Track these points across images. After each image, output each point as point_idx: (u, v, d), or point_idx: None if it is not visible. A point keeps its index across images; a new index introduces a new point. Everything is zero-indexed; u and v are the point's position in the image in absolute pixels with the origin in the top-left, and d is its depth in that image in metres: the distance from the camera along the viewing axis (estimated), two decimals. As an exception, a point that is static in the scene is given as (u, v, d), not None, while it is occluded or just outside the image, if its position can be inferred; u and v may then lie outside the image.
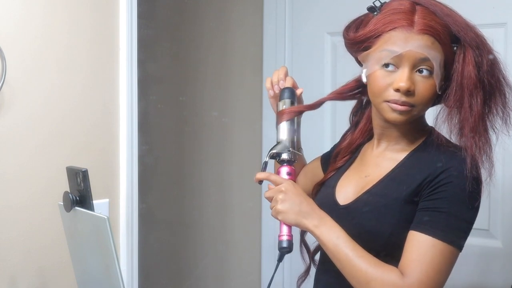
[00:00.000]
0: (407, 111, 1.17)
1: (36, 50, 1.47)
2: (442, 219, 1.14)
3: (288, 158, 1.28)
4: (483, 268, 1.98)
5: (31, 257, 1.48)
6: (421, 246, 1.13)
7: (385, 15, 1.19)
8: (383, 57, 1.17)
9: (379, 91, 1.19)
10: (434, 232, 1.13)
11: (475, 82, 1.15)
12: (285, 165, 1.28)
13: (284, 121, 1.31)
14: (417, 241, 1.14)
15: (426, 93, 1.17)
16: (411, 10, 1.17)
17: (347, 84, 1.35)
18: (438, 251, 1.13)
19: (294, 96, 1.37)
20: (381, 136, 1.29)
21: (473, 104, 1.15)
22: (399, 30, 1.16)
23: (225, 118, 2.58)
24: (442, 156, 1.18)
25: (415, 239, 1.14)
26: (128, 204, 1.69)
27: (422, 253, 1.13)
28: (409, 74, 1.15)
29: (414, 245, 1.14)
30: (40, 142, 1.48)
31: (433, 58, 1.15)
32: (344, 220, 1.24)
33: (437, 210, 1.14)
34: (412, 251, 1.14)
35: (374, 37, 1.20)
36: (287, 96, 1.36)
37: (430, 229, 1.13)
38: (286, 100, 1.35)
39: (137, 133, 1.71)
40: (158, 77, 2.55)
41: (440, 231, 1.13)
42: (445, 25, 1.16)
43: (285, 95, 1.36)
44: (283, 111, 1.33)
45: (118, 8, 1.65)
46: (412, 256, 1.13)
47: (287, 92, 1.37)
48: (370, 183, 1.25)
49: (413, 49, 1.15)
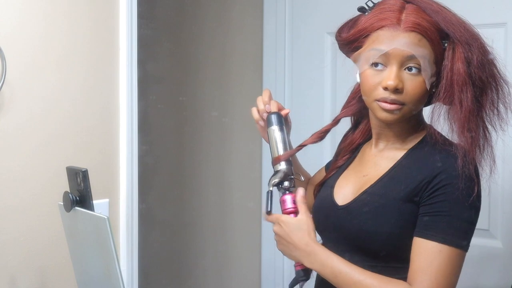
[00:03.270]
0: (397, 109, 1.17)
1: (36, 50, 1.47)
2: (444, 222, 1.14)
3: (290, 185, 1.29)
4: (483, 268, 1.98)
5: (31, 257, 1.48)
6: (428, 253, 1.13)
7: (374, 15, 1.20)
8: (371, 56, 1.18)
9: (369, 90, 1.19)
10: (438, 237, 1.13)
11: (464, 77, 1.15)
12: (288, 193, 1.28)
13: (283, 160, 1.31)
14: (423, 248, 1.14)
15: (415, 91, 1.16)
16: (400, 8, 1.17)
17: (353, 92, 1.36)
18: (445, 256, 1.12)
19: (281, 121, 1.35)
20: (378, 136, 1.29)
21: (463, 100, 1.15)
22: (386, 28, 1.17)
23: (225, 118, 2.58)
24: (439, 156, 1.18)
25: (420, 246, 1.14)
26: (128, 204, 1.69)
27: (429, 260, 1.12)
28: (397, 72, 1.15)
29: (420, 252, 1.14)
30: (40, 142, 1.48)
31: (420, 56, 1.14)
32: (343, 221, 1.24)
33: (439, 214, 1.14)
34: (419, 259, 1.14)
35: (363, 37, 1.21)
36: (275, 122, 1.34)
37: (434, 235, 1.13)
38: (275, 127, 1.33)
39: (137, 133, 1.71)
40: (158, 77, 2.55)
41: (444, 236, 1.13)
42: (434, 22, 1.16)
43: (273, 121, 1.34)
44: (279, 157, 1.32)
45: (118, 8, 1.65)
46: (420, 264, 1.13)
47: (274, 117, 1.34)
48: (368, 182, 1.25)
49: (398, 47, 1.15)
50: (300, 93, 2.38)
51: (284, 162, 1.31)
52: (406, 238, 1.17)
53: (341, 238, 1.24)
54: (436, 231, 1.13)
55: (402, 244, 1.17)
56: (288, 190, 1.29)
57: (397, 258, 1.19)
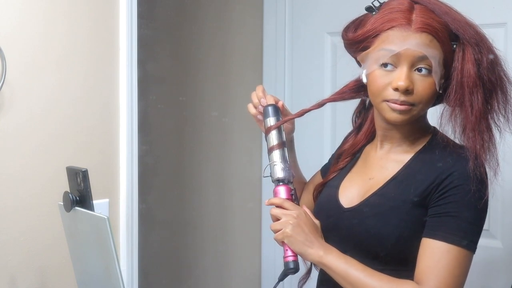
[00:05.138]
0: (406, 110, 1.16)
1: (36, 50, 1.47)
2: (453, 223, 1.13)
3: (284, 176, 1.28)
4: (483, 268, 1.98)
5: (31, 257, 1.48)
6: (435, 253, 1.13)
7: (383, 14, 1.19)
8: (381, 56, 1.17)
9: (378, 90, 1.18)
10: (446, 237, 1.12)
11: (474, 79, 1.14)
12: (281, 185, 1.27)
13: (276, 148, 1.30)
14: (431, 248, 1.13)
15: (426, 92, 1.16)
16: (409, 8, 1.17)
17: (346, 85, 1.34)
18: (452, 256, 1.12)
19: (278, 112, 1.35)
20: (383, 138, 1.28)
21: (473, 102, 1.14)
22: (397, 29, 1.15)
23: (225, 118, 2.58)
24: (448, 159, 1.17)
25: (428, 246, 1.14)
26: (128, 204, 1.69)
27: (436, 260, 1.12)
28: (407, 73, 1.14)
29: (428, 252, 1.14)
30: (40, 142, 1.48)
31: (431, 56, 1.14)
32: (348, 224, 1.23)
33: (448, 215, 1.14)
34: (426, 258, 1.13)
35: (372, 37, 1.19)
36: (271, 114, 1.34)
37: (443, 235, 1.13)
38: (271, 118, 1.33)
39: (137, 133, 1.71)
40: (158, 77, 2.55)
41: (452, 236, 1.12)
42: (443, 23, 1.16)
43: (269, 113, 1.34)
44: (271, 127, 1.32)
45: (118, 8, 1.65)
46: (427, 263, 1.13)
47: (270, 109, 1.35)
48: (375, 185, 1.24)
49: (410, 47, 1.14)
50: (300, 93, 2.38)
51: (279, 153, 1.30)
52: (412, 242, 1.16)
53: (344, 239, 1.24)
54: (445, 232, 1.13)
55: (407, 247, 1.17)
56: (282, 182, 1.28)
57: (399, 260, 1.19)
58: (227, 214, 2.63)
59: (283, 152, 1.31)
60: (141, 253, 1.77)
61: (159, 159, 2.60)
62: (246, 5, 2.53)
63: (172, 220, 2.69)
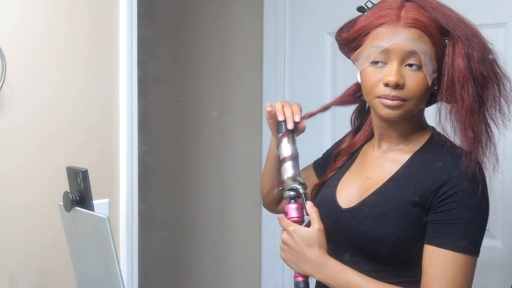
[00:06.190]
0: (399, 105, 1.16)
1: (36, 50, 1.46)
2: (458, 231, 1.13)
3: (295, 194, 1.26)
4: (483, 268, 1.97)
5: (31, 257, 1.48)
6: (442, 262, 1.12)
7: (373, 13, 1.20)
8: (371, 53, 1.17)
9: (370, 87, 1.18)
10: (452, 245, 1.12)
11: (464, 73, 1.14)
12: (292, 202, 1.25)
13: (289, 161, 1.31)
14: (437, 256, 1.13)
15: (417, 87, 1.16)
16: (399, 6, 1.18)
17: (348, 89, 1.35)
18: (459, 264, 1.12)
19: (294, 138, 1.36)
20: (381, 137, 1.27)
21: (464, 96, 1.14)
22: (386, 25, 1.17)
23: (225, 118, 2.58)
24: (447, 159, 1.17)
25: (434, 254, 1.13)
26: (128, 204, 1.69)
27: (444, 269, 1.12)
28: (397, 68, 1.15)
29: (435, 261, 1.13)
30: (40, 142, 1.48)
31: (420, 51, 1.14)
32: (347, 224, 1.23)
33: (451, 221, 1.13)
34: (433, 267, 1.13)
35: (363, 35, 1.20)
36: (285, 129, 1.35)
37: (449, 243, 1.13)
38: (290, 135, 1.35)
39: (137, 133, 1.71)
40: (158, 77, 2.55)
41: (459, 244, 1.12)
42: (433, 19, 1.16)
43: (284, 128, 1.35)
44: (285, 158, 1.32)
45: (118, 8, 1.65)
46: (435, 272, 1.12)
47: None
48: (373, 185, 1.24)
49: (399, 42, 1.14)
50: (300, 93, 2.38)
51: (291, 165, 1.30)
52: (411, 242, 1.16)
53: (342, 239, 1.23)
54: (450, 240, 1.12)
55: (406, 247, 1.17)
56: (293, 199, 1.26)
57: (398, 260, 1.18)
58: (227, 214, 2.63)
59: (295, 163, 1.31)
60: (141, 253, 1.77)
61: (159, 159, 2.60)
62: (246, 5, 2.53)
63: (172, 220, 2.69)
